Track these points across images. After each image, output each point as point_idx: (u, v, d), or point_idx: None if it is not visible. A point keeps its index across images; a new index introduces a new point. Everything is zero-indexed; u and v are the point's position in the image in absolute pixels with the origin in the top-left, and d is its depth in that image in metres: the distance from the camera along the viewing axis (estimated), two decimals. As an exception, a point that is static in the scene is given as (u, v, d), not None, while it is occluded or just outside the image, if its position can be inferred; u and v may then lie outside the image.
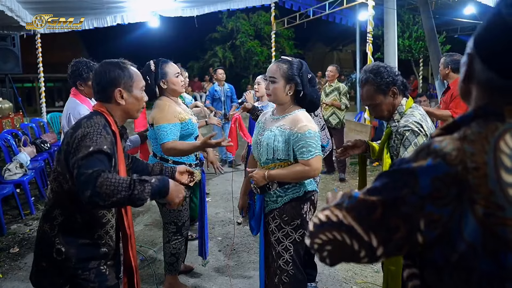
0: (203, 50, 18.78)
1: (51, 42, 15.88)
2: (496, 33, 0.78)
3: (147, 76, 2.58)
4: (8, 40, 6.97)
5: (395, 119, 1.97)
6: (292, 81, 2.05)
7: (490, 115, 0.80)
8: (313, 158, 1.98)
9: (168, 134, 2.51)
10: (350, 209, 0.82)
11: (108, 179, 1.37)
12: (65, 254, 1.56)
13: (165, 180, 1.51)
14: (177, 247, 2.78)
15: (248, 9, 14.23)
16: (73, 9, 7.53)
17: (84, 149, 1.45)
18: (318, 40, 22.77)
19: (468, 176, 0.74)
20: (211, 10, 9.62)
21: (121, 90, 1.66)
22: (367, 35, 6.95)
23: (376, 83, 1.91)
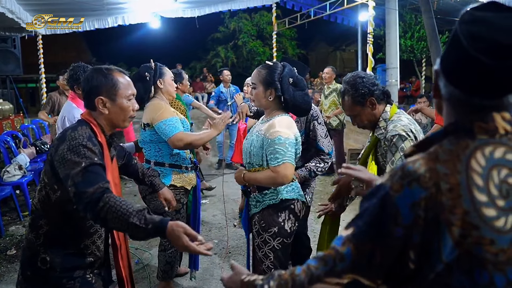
0: (206, 50, 18.80)
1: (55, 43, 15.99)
2: (453, 49, 0.78)
3: (147, 72, 2.61)
4: (8, 42, 7.01)
5: (381, 126, 1.95)
6: (271, 86, 2.02)
7: (460, 131, 0.79)
8: (280, 165, 1.92)
9: (176, 127, 2.47)
10: (351, 268, 0.79)
11: (112, 207, 1.33)
12: (50, 263, 1.53)
13: (162, 224, 1.36)
14: (173, 255, 2.77)
15: (250, 9, 14.23)
16: (73, 11, 7.56)
17: (75, 165, 1.41)
18: (321, 40, 22.72)
19: (442, 197, 0.74)
20: (212, 11, 9.63)
21: (102, 99, 1.59)
22: (368, 35, 6.94)
23: (352, 94, 1.92)
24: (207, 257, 3.50)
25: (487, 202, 0.72)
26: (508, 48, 0.71)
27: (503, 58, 0.71)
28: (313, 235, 3.82)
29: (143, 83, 2.60)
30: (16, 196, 4.47)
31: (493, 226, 0.71)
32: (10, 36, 7.16)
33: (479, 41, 0.73)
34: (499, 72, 0.72)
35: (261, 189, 2.08)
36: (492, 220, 0.71)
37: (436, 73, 0.84)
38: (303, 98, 2.08)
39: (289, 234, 2.06)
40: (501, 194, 0.73)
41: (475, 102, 0.78)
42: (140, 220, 1.34)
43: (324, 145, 2.58)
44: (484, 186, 0.73)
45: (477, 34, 0.73)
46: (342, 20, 11.29)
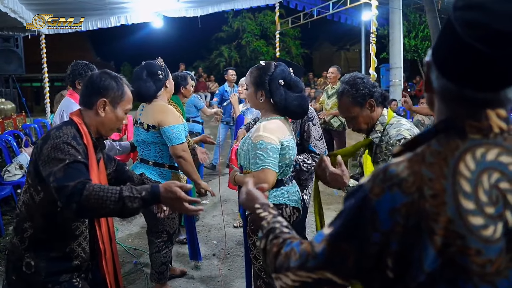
0: (209, 50, 18.80)
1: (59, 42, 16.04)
2: (446, 38, 0.73)
3: (159, 71, 2.57)
4: (11, 41, 7.03)
5: (377, 130, 1.89)
6: (261, 88, 1.98)
7: (451, 130, 0.74)
8: (259, 170, 1.88)
9: (182, 135, 2.50)
10: (322, 266, 0.77)
11: (94, 192, 1.31)
12: (35, 267, 1.51)
13: (155, 191, 1.39)
14: (167, 255, 2.75)
15: (254, 9, 14.19)
16: (76, 10, 7.57)
17: (58, 162, 1.39)
18: (325, 40, 22.63)
19: (425, 204, 0.69)
20: (215, 10, 9.60)
21: (105, 101, 1.60)
22: (371, 35, 6.87)
23: (352, 94, 1.84)
24: (205, 258, 3.49)
25: (475, 210, 0.67)
26: (507, 35, 0.66)
27: (502, 47, 0.66)
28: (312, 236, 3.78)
29: (155, 81, 2.56)
30: (16, 195, 4.48)
31: (480, 236, 0.66)
32: (12, 35, 7.18)
33: (475, 28, 0.67)
34: (496, 61, 0.67)
35: None
36: (479, 229, 0.66)
37: (428, 64, 0.79)
38: (297, 100, 2.00)
39: None
40: (491, 200, 0.68)
41: (468, 95, 0.72)
42: (131, 192, 1.36)
43: (317, 147, 2.53)
44: (472, 193, 0.68)
45: (473, 20, 0.68)
46: (345, 20, 11.21)
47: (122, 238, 4.02)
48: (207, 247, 3.78)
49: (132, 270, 3.34)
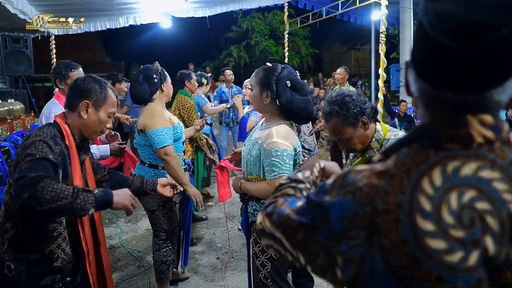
0: (219, 50, 18.80)
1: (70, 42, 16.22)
2: (419, 34, 0.65)
3: (155, 74, 2.60)
4: (21, 42, 7.08)
5: (374, 148, 1.80)
6: (267, 88, 1.92)
7: (425, 138, 0.65)
8: (276, 178, 1.83)
9: (166, 139, 2.50)
10: (278, 224, 0.78)
11: (50, 184, 1.32)
12: (15, 271, 1.50)
13: (108, 192, 1.48)
14: (167, 254, 2.74)
15: (263, 9, 14.13)
16: (84, 11, 7.59)
17: (29, 156, 1.42)
18: (335, 39, 22.47)
19: (377, 218, 0.61)
20: (224, 10, 9.55)
21: (88, 103, 1.64)
22: (380, 35, 6.75)
23: (343, 115, 1.71)
24: (209, 261, 3.45)
25: (434, 232, 0.58)
26: (475, 25, 0.56)
27: (470, 40, 0.56)
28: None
29: (150, 85, 2.59)
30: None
31: (441, 261, 0.57)
32: (22, 36, 7.23)
33: (444, 21, 0.59)
34: (469, 58, 0.57)
35: (259, 199, 2.00)
36: (440, 253, 0.58)
37: (406, 65, 0.71)
38: (303, 103, 1.94)
39: None
40: (460, 222, 0.58)
41: (447, 99, 0.63)
42: (85, 188, 1.42)
43: (306, 142, 2.51)
44: (432, 212, 0.59)
45: (442, 12, 0.59)
46: (355, 19, 11.09)
47: (127, 240, 4.00)
48: (211, 250, 3.75)
49: (135, 273, 3.31)
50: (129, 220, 4.49)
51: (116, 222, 4.42)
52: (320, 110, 8.94)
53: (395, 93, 12.92)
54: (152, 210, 2.66)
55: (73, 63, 3.02)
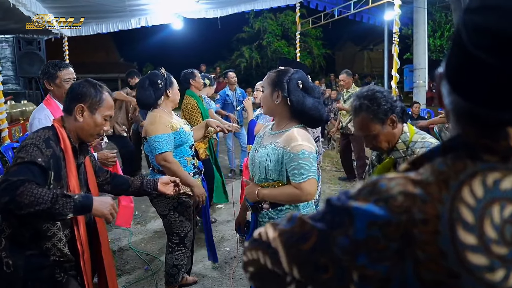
0: (231, 51, 18.81)
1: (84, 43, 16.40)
2: (454, 46, 0.62)
3: (159, 80, 2.61)
4: (34, 44, 7.17)
5: (400, 149, 1.75)
6: (278, 87, 1.89)
7: (461, 149, 0.61)
8: (305, 181, 1.78)
9: (164, 145, 2.50)
10: (283, 232, 0.70)
11: (30, 189, 1.35)
12: (13, 266, 1.55)
13: (89, 198, 1.50)
14: (179, 258, 2.72)
15: (275, 9, 14.07)
16: (96, 13, 7.66)
17: (18, 159, 1.47)
18: (348, 40, 22.29)
19: (413, 229, 0.56)
20: (235, 11, 9.54)
21: (83, 107, 1.67)
22: (393, 35, 6.64)
23: (373, 111, 1.66)
24: (216, 267, 3.42)
25: (476, 246, 0.54)
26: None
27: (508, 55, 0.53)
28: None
29: (155, 90, 2.61)
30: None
31: (481, 278, 0.53)
32: (35, 38, 7.32)
33: (483, 34, 0.55)
34: (507, 74, 0.54)
35: (275, 205, 1.92)
36: (481, 270, 0.53)
37: (440, 76, 0.67)
38: (314, 105, 1.90)
39: None
40: (503, 238, 0.54)
41: (482, 114, 0.60)
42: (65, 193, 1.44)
43: None
44: (475, 224, 0.54)
45: (482, 25, 0.55)
46: (368, 19, 10.96)
47: (135, 242, 3.99)
48: (220, 254, 3.70)
49: (143, 276, 3.30)
50: (139, 222, 4.49)
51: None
52: (332, 111, 8.86)
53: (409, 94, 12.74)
54: (164, 215, 2.66)
55: (62, 62, 2.83)
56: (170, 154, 2.52)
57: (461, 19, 0.59)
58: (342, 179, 6.22)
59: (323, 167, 7.05)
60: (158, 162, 2.52)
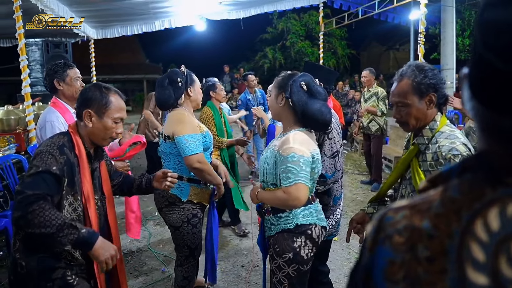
0: (254, 51, 18.80)
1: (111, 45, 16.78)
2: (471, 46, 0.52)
3: (179, 78, 2.49)
4: (61, 47, 7.39)
5: (425, 136, 1.65)
6: (282, 89, 1.89)
7: (480, 169, 0.53)
8: (292, 186, 1.75)
9: (197, 145, 2.37)
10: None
11: (43, 210, 1.37)
12: (26, 268, 1.57)
13: (94, 236, 1.50)
14: (189, 270, 2.66)
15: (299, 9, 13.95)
16: (121, 16, 7.81)
17: (33, 168, 1.48)
18: (373, 39, 21.89)
19: (417, 268, 0.50)
20: (257, 12, 9.53)
21: (90, 112, 1.67)
22: (419, 35, 6.45)
23: (417, 80, 1.57)
24: (233, 270, 3.40)
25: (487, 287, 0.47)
26: None
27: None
28: (332, 265, 3.59)
29: (174, 89, 2.49)
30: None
31: None
32: (62, 41, 7.54)
33: (496, 35, 0.47)
34: None
35: (276, 212, 1.92)
36: None
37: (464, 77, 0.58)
38: (317, 108, 1.86)
39: (305, 261, 1.88)
40: None
41: (506, 125, 0.51)
42: (73, 223, 1.44)
43: (324, 165, 2.22)
44: (486, 263, 0.47)
45: (496, 23, 0.47)
46: (393, 19, 10.71)
47: (154, 243, 4.03)
48: (237, 257, 3.69)
49: (159, 278, 3.32)
50: (158, 223, 4.53)
51: (145, 224, 4.46)
52: (356, 113, 8.70)
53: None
54: (176, 227, 2.52)
55: (68, 62, 2.90)
56: (203, 156, 2.40)
57: (478, 16, 0.51)
58: (365, 183, 6.09)
59: (345, 170, 6.93)
60: (190, 163, 2.35)
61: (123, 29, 8.74)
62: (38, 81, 7.40)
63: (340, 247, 3.75)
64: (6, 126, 5.15)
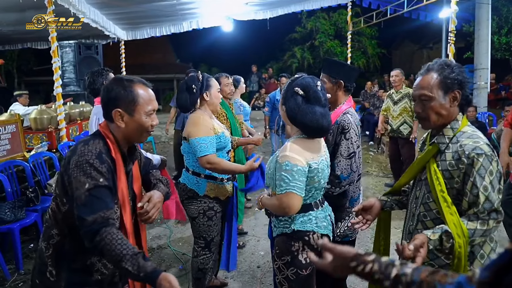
0: (283, 51, 18.71)
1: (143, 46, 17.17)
2: None
3: (193, 84, 2.65)
4: (92, 49, 7.67)
5: (445, 135, 1.61)
6: (283, 96, 1.89)
7: None
8: (283, 194, 1.75)
9: (208, 147, 2.52)
10: None
11: (107, 243, 1.34)
12: (57, 276, 1.54)
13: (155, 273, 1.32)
14: (204, 262, 2.75)
15: (329, 8, 13.79)
16: (150, 18, 8.01)
17: (79, 185, 1.40)
18: (406, 38, 21.28)
19: None
20: (285, 12, 9.53)
21: (120, 112, 1.53)
22: (449, 34, 6.23)
23: (444, 74, 1.56)
24: (250, 269, 3.42)
25: None
26: None
27: None
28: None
29: (190, 94, 2.66)
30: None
31: None
32: (93, 43, 7.83)
33: None
34: None
35: (278, 215, 1.92)
36: None
37: None
38: (313, 114, 1.78)
39: (304, 265, 1.87)
40: None
41: None
42: (133, 266, 1.33)
43: (339, 165, 2.18)
44: None
45: None
46: (425, 17, 10.40)
47: (174, 241, 4.12)
48: (253, 257, 3.72)
49: (176, 275, 3.39)
50: (179, 222, 4.62)
51: (166, 222, 4.57)
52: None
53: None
54: (193, 217, 2.70)
55: (105, 70, 3.19)
56: (214, 156, 2.54)
57: None
58: (389, 185, 5.95)
59: (369, 172, 6.81)
60: (202, 164, 2.53)
61: (152, 30, 8.96)
62: (71, 81, 7.71)
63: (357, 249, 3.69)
64: (39, 124, 5.40)
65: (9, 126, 4.56)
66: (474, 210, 1.51)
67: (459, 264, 1.50)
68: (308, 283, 1.92)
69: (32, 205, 3.95)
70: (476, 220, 1.51)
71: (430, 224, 1.66)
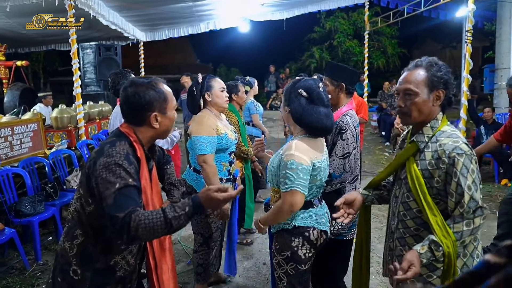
0: (302, 51, 18.68)
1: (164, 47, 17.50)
2: None
3: (194, 87, 2.77)
4: (111, 50, 7.91)
5: (425, 134, 1.64)
6: (285, 97, 1.95)
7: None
8: (287, 191, 1.80)
9: (207, 147, 2.60)
10: None
11: (141, 222, 1.35)
12: (81, 275, 1.55)
13: (195, 201, 1.44)
14: (203, 257, 2.84)
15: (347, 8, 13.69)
16: (167, 19, 8.19)
17: (109, 185, 1.41)
18: (428, 37, 20.88)
19: None
20: (301, 12, 9.56)
21: (156, 115, 1.58)
22: (466, 34, 6.13)
23: (431, 72, 1.59)
24: (254, 267, 3.49)
25: None
26: None
27: None
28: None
29: (192, 97, 2.80)
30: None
31: None
32: (112, 44, 8.08)
33: None
34: None
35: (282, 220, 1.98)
36: None
37: None
38: (317, 114, 1.86)
39: (303, 260, 1.93)
40: None
41: None
42: (175, 211, 1.40)
43: (332, 164, 2.23)
44: None
45: None
46: (445, 16, 10.23)
47: (184, 236, 4.23)
48: (260, 254, 3.79)
49: (184, 269, 3.50)
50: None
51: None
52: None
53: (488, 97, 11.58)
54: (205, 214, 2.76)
55: (125, 72, 3.31)
56: (211, 157, 2.61)
57: None
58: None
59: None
60: (198, 162, 2.64)
61: (170, 32, 9.16)
62: (92, 81, 7.97)
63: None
64: (60, 123, 5.63)
65: (31, 125, 4.78)
66: (459, 210, 1.53)
67: (450, 264, 1.53)
68: (306, 278, 1.99)
69: (51, 200, 4.15)
70: (461, 221, 1.53)
71: (411, 223, 1.69)
